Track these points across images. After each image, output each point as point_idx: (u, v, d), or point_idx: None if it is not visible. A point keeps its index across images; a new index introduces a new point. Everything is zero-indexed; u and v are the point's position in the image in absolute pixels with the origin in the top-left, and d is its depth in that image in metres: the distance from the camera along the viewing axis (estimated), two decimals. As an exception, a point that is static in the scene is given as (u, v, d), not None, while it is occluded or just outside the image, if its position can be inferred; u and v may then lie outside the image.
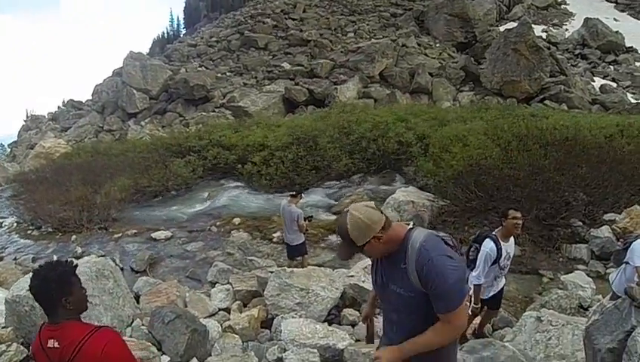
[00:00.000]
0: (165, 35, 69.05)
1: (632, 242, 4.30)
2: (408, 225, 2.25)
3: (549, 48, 31.35)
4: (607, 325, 3.23)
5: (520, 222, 4.65)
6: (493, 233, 4.75)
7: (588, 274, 7.03)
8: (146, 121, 30.92)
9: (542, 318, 4.44)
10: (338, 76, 29.79)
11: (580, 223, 8.67)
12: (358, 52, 31.25)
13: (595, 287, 6.48)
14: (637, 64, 36.57)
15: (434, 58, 33.25)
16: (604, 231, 8.07)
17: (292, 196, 7.82)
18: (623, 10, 49.91)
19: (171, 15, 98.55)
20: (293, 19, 42.37)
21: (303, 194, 8.66)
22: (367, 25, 40.78)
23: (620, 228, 8.03)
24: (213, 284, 7.37)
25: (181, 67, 35.73)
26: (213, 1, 60.63)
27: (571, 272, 7.06)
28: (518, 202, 8.53)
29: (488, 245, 4.59)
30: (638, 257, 4.14)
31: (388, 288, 2.28)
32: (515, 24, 30.74)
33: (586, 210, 8.92)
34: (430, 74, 29.87)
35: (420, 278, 2.09)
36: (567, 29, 42.89)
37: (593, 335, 3.30)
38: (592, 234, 8.20)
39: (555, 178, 8.88)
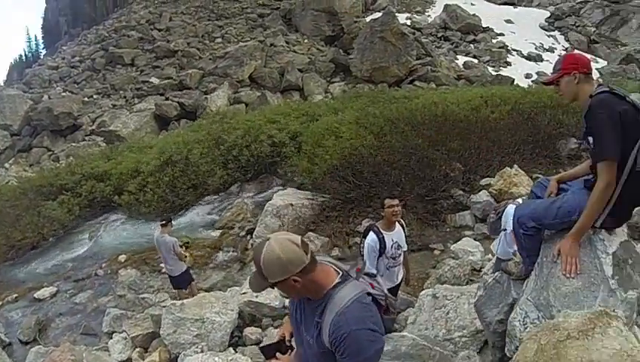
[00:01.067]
0: (24, 57, 62.46)
1: (503, 211, 4.41)
2: (339, 272, 1.95)
3: (413, 34, 32.96)
4: (491, 299, 3.33)
5: (397, 208, 4.61)
6: (376, 224, 4.71)
7: (475, 239, 7.45)
8: (10, 162, 27.57)
9: (437, 295, 4.54)
10: (208, 85, 28.71)
11: (461, 192, 9.06)
12: (226, 57, 30.58)
13: (483, 249, 6.82)
14: (494, 41, 40.33)
15: (303, 54, 33.41)
16: (483, 196, 8.53)
17: (162, 225, 7.58)
18: None
19: (28, 34, 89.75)
20: (160, 30, 40.40)
21: (173, 221, 8.25)
22: (235, 28, 40.02)
23: (496, 190, 8.49)
24: (110, 335, 7.01)
25: (43, 94, 32.70)
26: (73, 15, 55.79)
27: (459, 240, 7.42)
28: (397, 185, 8.63)
29: (369, 237, 4.56)
30: (511, 222, 3.93)
31: (301, 332, 2.05)
32: (380, 14, 31.76)
33: (464, 179, 9.30)
34: (300, 70, 30.01)
35: (332, 343, 1.83)
36: (429, 15, 45.92)
37: (481, 311, 3.41)
38: (472, 200, 8.63)
39: (430, 155, 8.99)
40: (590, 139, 2.59)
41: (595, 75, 29.25)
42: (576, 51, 33.98)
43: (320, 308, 1.87)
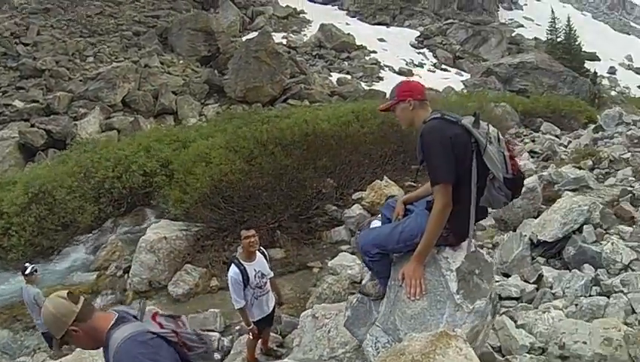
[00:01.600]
0: None
1: (368, 226, 4.47)
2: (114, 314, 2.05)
3: (289, 52, 33.58)
4: (358, 319, 3.37)
5: (253, 239, 4.63)
6: (237, 256, 4.71)
7: (352, 252, 7.51)
8: None
9: (316, 314, 4.53)
10: (77, 110, 26.48)
11: (335, 208, 9.26)
12: (97, 79, 28.41)
13: (360, 262, 6.73)
14: (367, 58, 42.97)
15: (177, 75, 32.46)
16: (356, 210, 8.75)
17: (25, 276, 6.95)
18: (353, 16, 58.02)
19: None
20: (26, 45, 35.96)
21: (37, 270, 7.35)
22: (109, 47, 37.27)
23: (368, 203, 8.75)
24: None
25: None
26: None
27: (337, 256, 7.45)
28: (270, 207, 8.61)
29: (231, 270, 4.57)
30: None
31: None
32: (256, 34, 31.94)
33: (337, 194, 9.53)
34: (174, 92, 29.08)
35: None
36: (305, 35, 47.40)
37: (351, 330, 3.48)
38: (346, 215, 8.81)
39: (300, 174, 9.02)
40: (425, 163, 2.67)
41: (460, 86, 32.34)
42: (414, 78, 37.48)
43: (106, 352, 1.99)
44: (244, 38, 37.87)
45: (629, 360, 3.08)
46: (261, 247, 4.88)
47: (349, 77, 36.78)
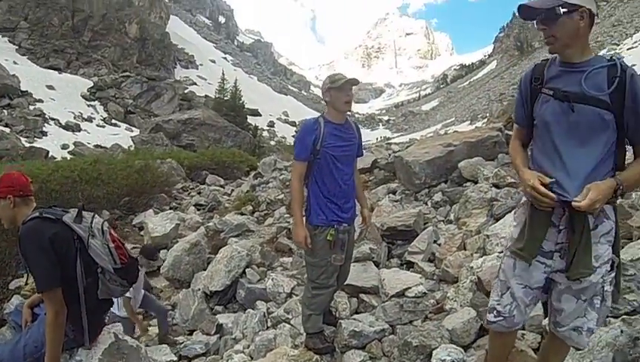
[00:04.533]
0: None
1: None
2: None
3: None
4: None
5: None
6: None
7: None
8: None
9: None
10: None
11: None
12: None
13: None
14: (31, 108, 37.20)
15: None
16: (15, 301, 6.90)
17: None
18: (24, 54, 50.77)
19: None
20: None
21: None
22: None
23: (30, 291, 6.90)
24: None
25: None
26: None
27: None
28: None
29: None
30: None
31: None
32: None
33: None
34: None
35: None
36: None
37: None
38: (6, 311, 6.83)
39: None
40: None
41: (129, 142, 31.34)
42: (81, 133, 35.61)
43: None
44: None
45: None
46: None
47: (7, 130, 31.15)
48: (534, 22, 1.96)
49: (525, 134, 2.20)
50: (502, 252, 3.09)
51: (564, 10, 1.84)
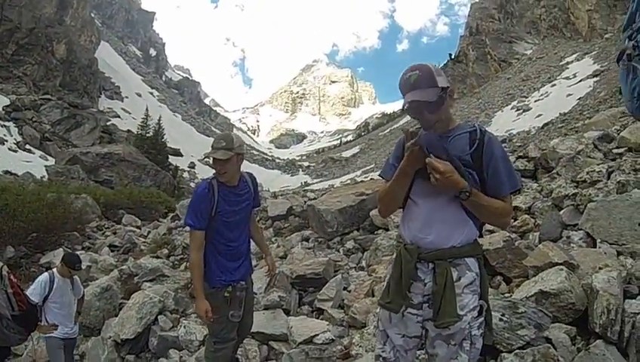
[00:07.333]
0: None
1: None
2: None
3: None
4: None
5: None
6: None
7: None
8: None
9: None
10: None
11: None
12: None
13: None
14: None
15: None
16: None
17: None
18: None
19: None
20: None
21: None
22: None
23: None
24: None
25: None
26: None
27: None
28: None
29: None
30: None
31: None
32: None
33: None
34: None
35: None
36: None
37: None
38: None
39: None
40: None
41: (43, 172, 29.43)
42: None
43: None
44: None
45: None
46: None
47: None
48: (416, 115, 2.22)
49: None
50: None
51: (444, 93, 2.14)
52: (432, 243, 2.19)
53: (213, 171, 3.35)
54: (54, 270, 5.05)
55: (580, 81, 52.92)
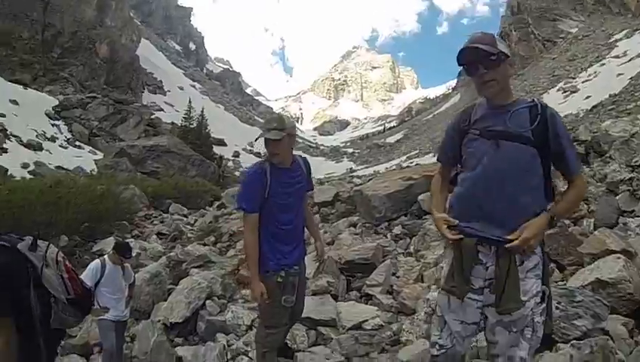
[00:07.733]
0: None
1: None
2: None
3: None
4: None
5: None
6: None
7: None
8: None
9: None
10: None
11: None
12: None
13: None
14: None
15: None
16: None
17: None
18: None
19: None
20: None
21: None
22: None
23: None
24: None
25: None
26: None
27: None
28: None
29: None
30: None
31: None
32: None
33: None
34: None
35: None
36: None
37: None
38: None
39: None
40: None
41: (92, 166, 30.73)
42: (43, 152, 33.95)
43: None
44: None
45: None
46: None
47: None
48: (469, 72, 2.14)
49: (449, 171, 2.45)
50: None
51: (504, 57, 2.06)
52: None
53: (259, 160, 3.28)
54: (105, 257, 5.20)
55: (631, 59, 50.22)
